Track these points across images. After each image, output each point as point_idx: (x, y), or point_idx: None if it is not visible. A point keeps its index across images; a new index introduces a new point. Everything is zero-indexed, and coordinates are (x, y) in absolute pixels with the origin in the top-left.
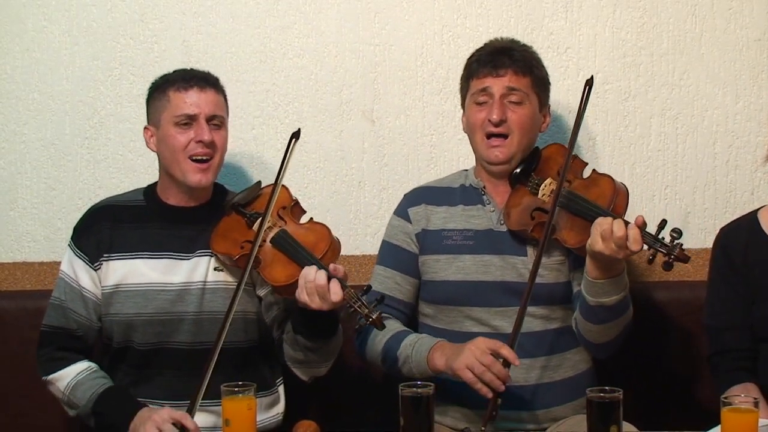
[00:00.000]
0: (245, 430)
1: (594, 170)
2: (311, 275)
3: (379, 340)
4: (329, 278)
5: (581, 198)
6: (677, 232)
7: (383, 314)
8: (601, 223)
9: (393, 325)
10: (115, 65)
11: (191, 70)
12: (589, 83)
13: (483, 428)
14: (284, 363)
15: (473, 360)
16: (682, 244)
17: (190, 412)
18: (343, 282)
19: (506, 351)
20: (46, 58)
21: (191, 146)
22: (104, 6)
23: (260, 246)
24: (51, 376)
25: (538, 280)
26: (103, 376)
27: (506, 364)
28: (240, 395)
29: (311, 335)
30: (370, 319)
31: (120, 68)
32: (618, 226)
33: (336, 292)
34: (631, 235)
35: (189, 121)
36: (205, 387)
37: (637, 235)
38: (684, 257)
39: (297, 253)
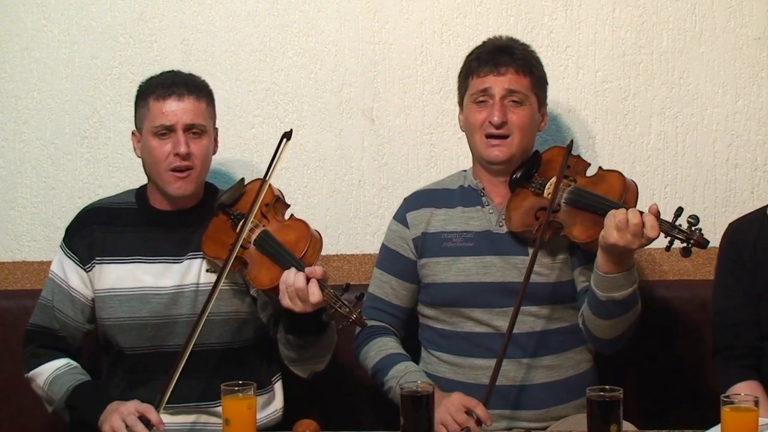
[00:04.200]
0: (245, 429)
1: (600, 167)
2: (290, 279)
3: (372, 355)
4: (308, 280)
5: (589, 192)
6: (695, 218)
7: (382, 323)
8: (616, 214)
9: (387, 344)
10: (115, 64)
11: (175, 75)
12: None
13: None
14: (282, 362)
15: (447, 417)
16: (701, 229)
17: (158, 405)
18: (322, 283)
19: (480, 410)
20: (46, 57)
21: (170, 159)
22: (103, 5)
23: (246, 248)
24: (32, 373)
25: (540, 279)
26: (81, 372)
27: (479, 422)
28: (240, 394)
29: (302, 334)
30: (351, 320)
31: (119, 67)
32: (633, 214)
33: (314, 293)
34: (648, 221)
35: (166, 131)
36: (171, 387)
37: (654, 222)
38: (703, 241)
39: (279, 255)
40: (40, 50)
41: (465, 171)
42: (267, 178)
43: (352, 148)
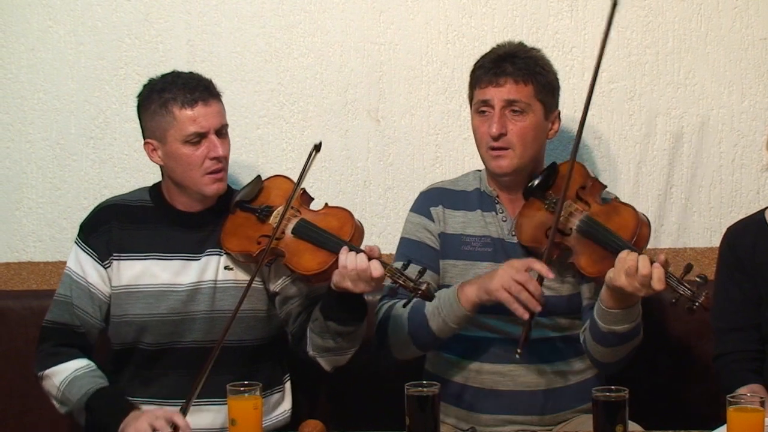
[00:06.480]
0: (251, 430)
1: (616, 197)
2: (352, 262)
3: (401, 313)
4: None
5: (603, 227)
6: (703, 278)
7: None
8: (626, 259)
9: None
10: (120, 65)
11: (185, 78)
12: (614, 6)
13: (519, 351)
14: (303, 355)
15: (509, 280)
16: (707, 291)
17: (185, 409)
18: (382, 261)
19: (539, 265)
20: (51, 57)
21: (207, 163)
22: (109, 5)
23: (279, 238)
24: (48, 371)
25: (549, 292)
26: (101, 375)
27: (541, 280)
28: (246, 395)
29: (344, 320)
30: (419, 291)
31: (125, 68)
32: (643, 264)
33: (377, 268)
34: (656, 274)
35: (199, 138)
36: (201, 385)
37: (662, 275)
38: (709, 305)
39: (325, 239)
40: (45, 51)
41: (480, 172)
42: (301, 178)
43: (358, 149)
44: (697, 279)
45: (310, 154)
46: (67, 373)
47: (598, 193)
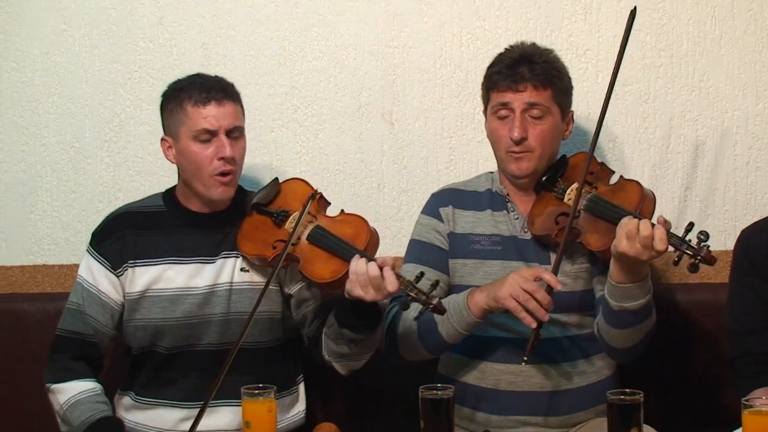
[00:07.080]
0: None
1: (621, 176)
2: (363, 268)
3: (410, 317)
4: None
5: (607, 201)
6: (705, 235)
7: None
8: (627, 223)
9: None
10: (135, 68)
11: (205, 78)
12: (632, 14)
13: (525, 359)
14: (319, 359)
15: (517, 288)
16: (709, 246)
17: (202, 411)
18: (395, 272)
19: (549, 276)
20: (66, 61)
21: (215, 164)
22: (124, 9)
23: (296, 245)
24: (55, 386)
25: (563, 289)
26: (105, 402)
27: (549, 290)
28: (260, 397)
29: (358, 328)
30: (431, 306)
31: (139, 71)
32: (644, 225)
33: (391, 282)
34: (657, 234)
35: (209, 136)
36: (218, 386)
37: (663, 235)
38: (711, 259)
39: (339, 248)
40: (60, 54)
41: (492, 173)
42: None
43: (372, 152)
44: (700, 236)
45: (307, 202)
46: (72, 394)
47: (606, 177)
